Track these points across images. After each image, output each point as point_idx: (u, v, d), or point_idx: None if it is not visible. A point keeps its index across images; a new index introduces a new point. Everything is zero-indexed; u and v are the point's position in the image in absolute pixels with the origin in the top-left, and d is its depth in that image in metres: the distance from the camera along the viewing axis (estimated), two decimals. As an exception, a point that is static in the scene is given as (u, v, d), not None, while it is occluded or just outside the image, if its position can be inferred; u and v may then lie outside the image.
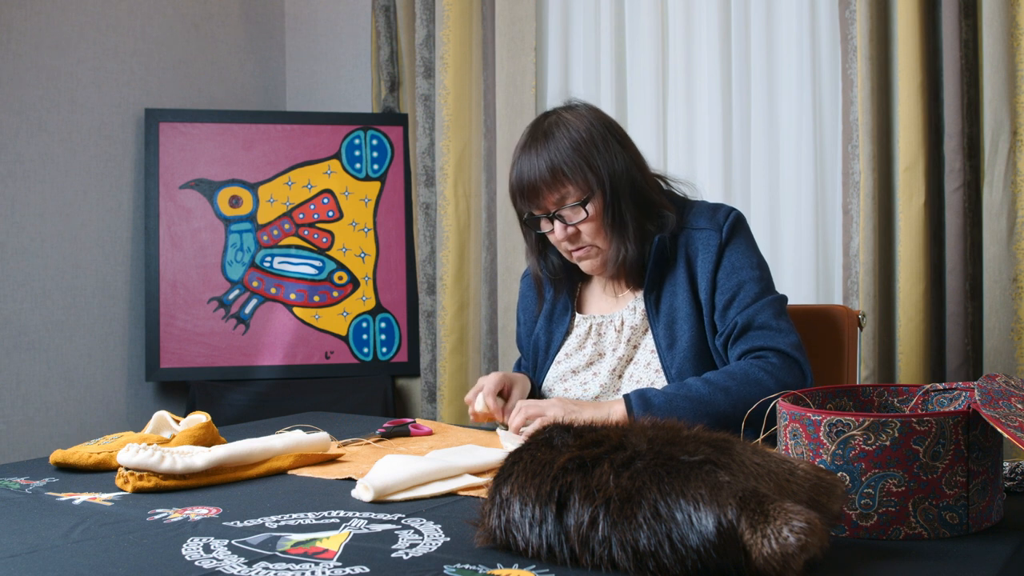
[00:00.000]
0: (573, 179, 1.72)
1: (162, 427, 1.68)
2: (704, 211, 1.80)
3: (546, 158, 1.73)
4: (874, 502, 1.10)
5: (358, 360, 3.22)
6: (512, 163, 1.80)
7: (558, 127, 1.75)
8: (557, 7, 3.06)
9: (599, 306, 1.89)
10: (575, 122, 1.76)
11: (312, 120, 3.29)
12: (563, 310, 1.90)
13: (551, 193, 1.74)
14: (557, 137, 1.73)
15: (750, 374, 1.64)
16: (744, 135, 2.79)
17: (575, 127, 1.75)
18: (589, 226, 1.75)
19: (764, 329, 1.69)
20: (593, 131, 1.75)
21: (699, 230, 1.77)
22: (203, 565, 1.05)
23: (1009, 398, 1.17)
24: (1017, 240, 2.28)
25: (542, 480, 1.05)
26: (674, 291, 1.76)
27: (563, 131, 1.74)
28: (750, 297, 1.72)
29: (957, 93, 2.35)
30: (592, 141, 1.74)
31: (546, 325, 1.91)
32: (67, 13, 2.97)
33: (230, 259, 3.17)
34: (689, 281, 1.75)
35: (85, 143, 3.02)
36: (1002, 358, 2.28)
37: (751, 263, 1.75)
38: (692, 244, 1.77)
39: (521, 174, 1.75)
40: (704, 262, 1.75)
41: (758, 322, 1.70)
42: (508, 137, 3.02)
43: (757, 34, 2.75)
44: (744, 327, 1.70)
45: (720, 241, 1.75)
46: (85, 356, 3.01)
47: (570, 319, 1.89)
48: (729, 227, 1.76)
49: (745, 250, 1.76)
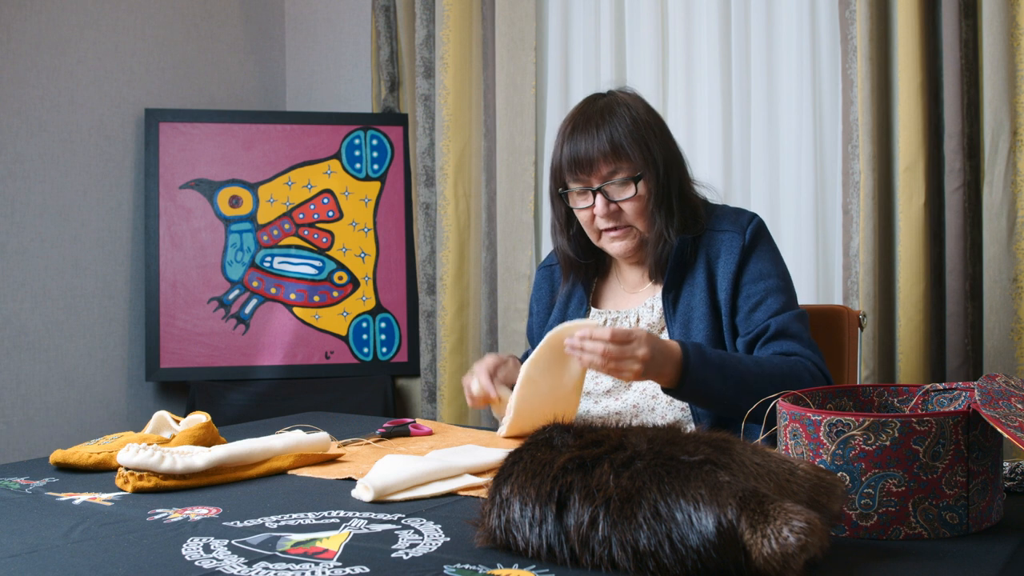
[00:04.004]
0: (631, 155, 1.74)
1: (162, 427, 1.68)
2: (727, 214, 1.82)
3: (607, 132, 1.74)
4: (874, 502, 1.10)
5: (358, 360, 3.22)
6: (562, 136, 1.79)
7: (619, 105, 1.78)
8: (557, 7, 3.06)
9: (615, 301, 1.89)
10: (635, 104, 1.80)
11: (312, 120, 3.29)
12: (578, 304, 1.90)
13: (605, 166, 1.75)
14: (619, 114, 1.76)
15: (797, 371, 1.65)
16: (744, 135, 2.79)
17: (635, 108, 1.78)
18: (634, 205, 1.76)
19: (798, 340, 1.71)
20: (651, 116, 1.80)
21: (721, 232, 1.78)
22: (203, 565, 1.05)
23: (1009, 398, 1.17)
24: (1017, 240, 2.28)
25: (542, 480, 1.05)
26: (692, 291, 1.76)
27: (624, 109, 1.77)
28: (779, 305, 1.73)
29: (957, 93, 2.35)
30: (650, 125, 1.78)
31: (560, 317, 1.90)
32: (67, 13, 2.97)
33: (230, 259, 3.17)
34: (707, 282, 1.76)
35: (85, 143, 3.02)
36: (1002, 358, 2.28)
37: (778, 272, 1.77)
38: (714, 246, 1.78)
39: (577, 147, 1.76)
40: (726, 264, 1.75)
41: (792, 331, 1.71)
42: (508, 137, 3.02)
43: (757, 34, 2.75)
44: (778, 332, 1.70)
45: (743, 244, 1.76)
46: (85, 356, 3.01)
47: (585, 313, 1.89)
48: (752, 232, 1.77)
49: (771, 258, 1.78)
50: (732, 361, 1.64)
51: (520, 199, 3.01)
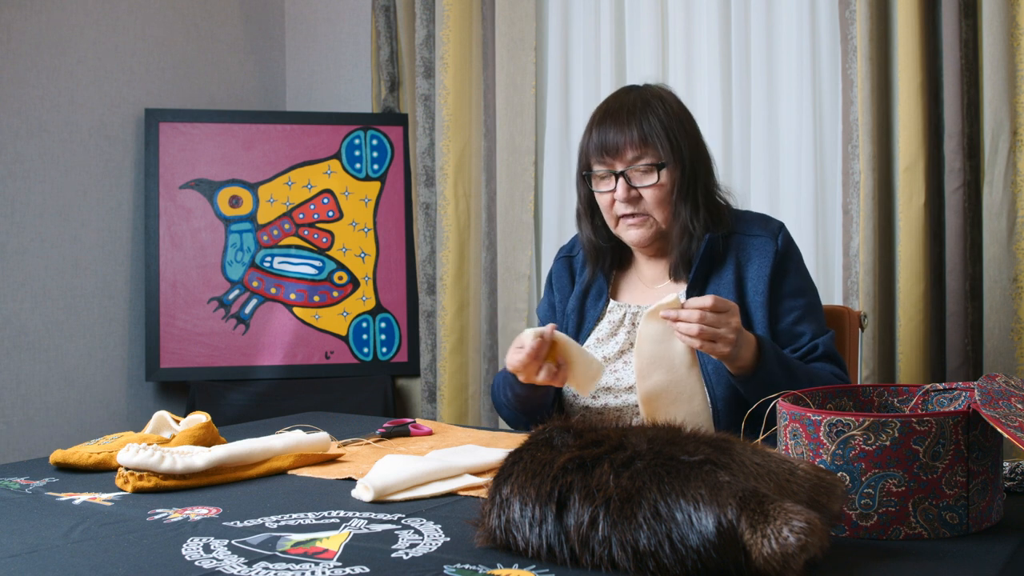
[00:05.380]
0: (658, 144, 1.76)
1: (162, 427, 1.68)
2: (756, 220, 1.85)
3: (638, 120, 1.77)
4: (874, 502, 1.10)
5: (358, 360, 3.22)
6: (593, 121, 1.82)
7: (653, 97, 1.81)
8: (557, 7, 3.06)
9: (634, 295, 1.89)
10: (669, 97, 1.83)
11: (312, 120, 3.29)
12: (597, 295, 1.90)
13: (631, 150, 1.76)
14: (653, 105, 1.79)
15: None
16: (744, 135, 2.79)
17: (669, 101, 1.82)
18: (654, 193, 1.77)
19: (841, 366, 1.76)
20: (683, 112, 1.83)
21: (753, 236, 1.81)
22: (203, 565, 1.05)
23: (1009, 398, 1.17)
24: (1017, 240, 2.28)
25: (542, 480, 1.05)
26: (718, 290, 1.77)
27: (657, 102, 1.80)
28: (818, 324, 1.78)
29: (957, 93, 2.35)
30: (682, 120, 1.81)
31: (578, 306, 1.90)
32: (67, 13, 2.97)
33: (230, 259, 3.17)
34: (736, 283, 1.77)
35: (85, 143, 3.02)
36: (1002, 358, 2.28)
37: (812, 288, 1.83)
38: (744, 249, 1.80)
39: (607, 131, 1.78)
40: (760, 268, 1.77)
41: (836, 355, 1.77)
42: (508, 137, 3.02)
43: (757, 34, 2.75)
44: (825, 355, 1.75)
45: (776, 249, 1.78)
46: (85, 356, 3.01)
47: (604, 305, 1.88)
48: (784, 240, 1.80)
49: (805, 274, 1.83)
50: (797, 363, 1.68)
51: (520, 199, 3.01)
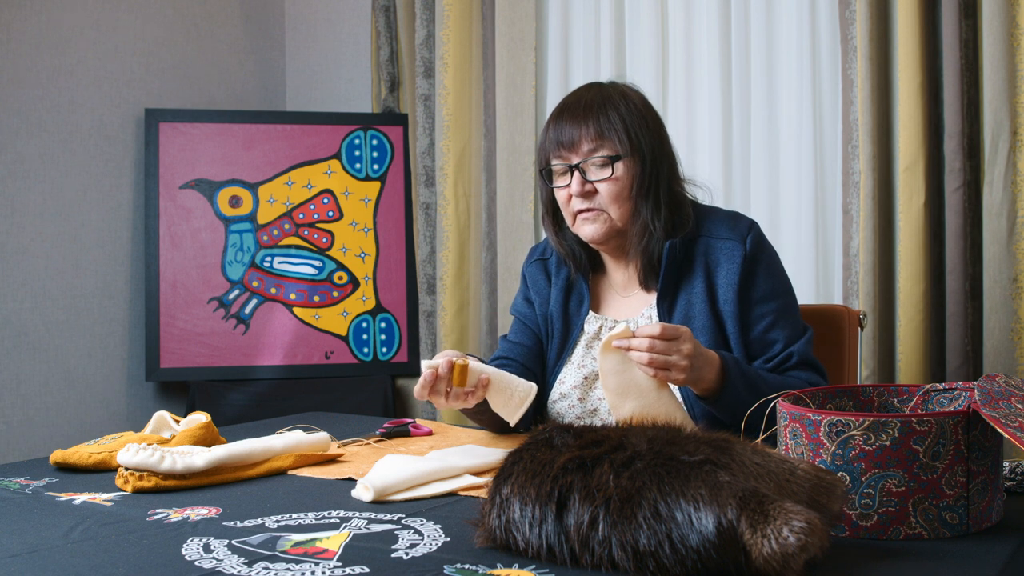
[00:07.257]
0: (616, 137, 1.72)
1: (162, 427, 1.68)
2: (723, 220, 1.78)
3: (596, 114, 1.73)
4: (874, 502, 1.10)
5: (358, 360, 3.22)
6: (554, 114, 1.78)
7: (615, 93, 1.78)
8: (557, 7, 3.06)
9: (612, 310, 1.84)
10: (633, 95, 1.79)
11: (312, 120, 3.29)
12: (578, 302, 1.85)
13: (587, 143, 1.73)
14: (613, 101, 1.75)
15: None
16: (744, 135, 2.79)
17: (632, 98, 1.78)
18: (609, 187, 1.72)
19: (817, 372, 1.73)
20: (646, 109, 1.79)
21: (720, 239, 1.74)
22: (203, 565, 1.05)
23: (1009, 398, 1.17)
24: (1017, 240, 2.28)
25: (542, 480, 1.05)
26: (690, 300, 1.73)
27: (619, 97, 1.76)
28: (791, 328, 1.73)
29: (957, 93, 2.35)
30: (644, 116, 1.76)
31: (562, 313, 1.86)
32: (67, 13, 2.97)
33: (230, 259, 3.17)
34: (707, 292, 1.73)
35: (85, 143, 3.02)
36: (1002, 358, 2.28)
37: (784, 288, 1.77)
38: (712, 254, 1.74)
39: (563, 126, 1.75)
40: (728, 274, 1.72)
41: (812, 360, 1.73)
42: (508, 137, 3.02)
43: (757, 34, 2.75)
44: (800, 362, 1.71)
45: (744, 254, 1.72)
46: (85, 356, 3.01)
47: (586, 313, 1.83)
48: (753, 242, 1.74)
49: (777, 271, 1.77)
50: (767, 379, 1.64)
51: (520, 199, 3.01)
